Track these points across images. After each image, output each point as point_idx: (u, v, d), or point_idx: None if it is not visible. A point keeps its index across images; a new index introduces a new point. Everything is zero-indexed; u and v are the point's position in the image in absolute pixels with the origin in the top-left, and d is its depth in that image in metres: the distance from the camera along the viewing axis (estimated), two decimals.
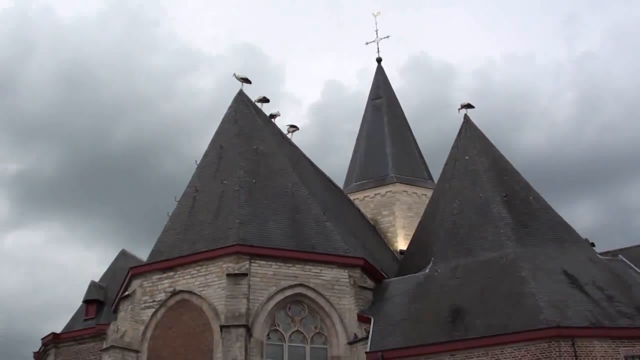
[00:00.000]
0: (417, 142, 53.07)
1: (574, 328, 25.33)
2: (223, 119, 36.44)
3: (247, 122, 36.02)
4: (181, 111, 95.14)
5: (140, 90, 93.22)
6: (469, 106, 38.24)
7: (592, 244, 33.49)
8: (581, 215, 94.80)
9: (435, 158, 36.96)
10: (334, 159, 52.88)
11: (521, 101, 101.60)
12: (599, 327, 25.65)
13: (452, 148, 37.04)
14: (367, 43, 57.67)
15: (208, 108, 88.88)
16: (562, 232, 32.02)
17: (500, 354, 25.38)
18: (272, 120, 40.24)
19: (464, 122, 37.57)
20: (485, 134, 37.04)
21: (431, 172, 50.39)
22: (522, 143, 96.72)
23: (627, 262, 30.29)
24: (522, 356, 25.11)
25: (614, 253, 32.48)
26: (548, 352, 24.86)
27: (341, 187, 48.24)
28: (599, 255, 31.14)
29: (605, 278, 28.87)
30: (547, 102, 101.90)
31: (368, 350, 26.99)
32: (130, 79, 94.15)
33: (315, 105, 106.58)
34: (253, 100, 38.37)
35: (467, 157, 35.45)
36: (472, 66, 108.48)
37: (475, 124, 37.46)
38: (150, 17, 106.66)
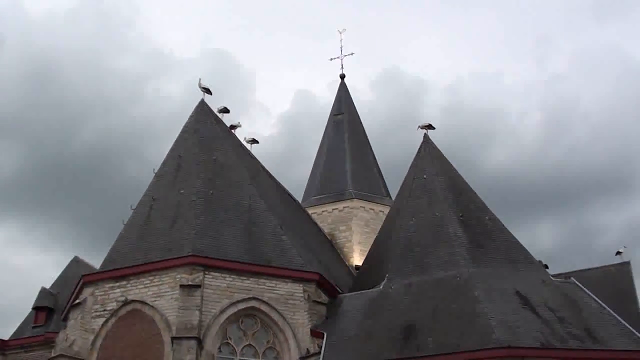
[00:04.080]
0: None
1: (524, 348, 25.52)
2: (183, 129, 36.21)
3: (207, 132, 35.85)
4: (149, 115, 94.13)
5: (108, 91, 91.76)
6: (429, 127, 38.43)
7: (546, 266, 33.86)
8: (543, 235, 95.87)
9: (400, 174, 37.10)
10: (302, 168, 53.06)
11: (490, 119, 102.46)
12: (549, 348, 25.89)
13: (411, 167, 37.19)
14: (331, 59, 57.68)
15: (176, 113, 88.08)
16: (516, 254, 32.27)
17: None
18: (233, 131, 40.11)
19: (423, 142, 37.72)
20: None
21: (390, 190, 50.55)
22: (489, 161, 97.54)
23: (579, 284, 30.61)
24: None
25: (566, 275, 32.89)
26: None
27: (300, 201, 48.22)
28: (551, 277, 31.44)
29: (557, 300, 29.16)
30: (515, 121, 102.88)
31: None
32: (99, 79, 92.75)
33: (284, 115, 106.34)
34: (215, 110, 38.22)
35: (425, 177, 35.59)
36: (443, 82, 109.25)
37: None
38: (124, 16, 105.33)
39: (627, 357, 26.22)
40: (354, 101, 56.89)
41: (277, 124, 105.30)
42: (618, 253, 37.18)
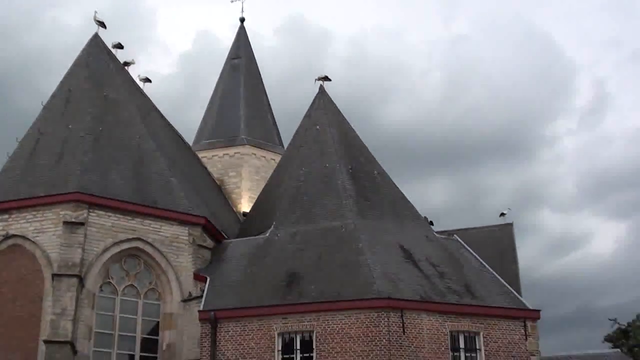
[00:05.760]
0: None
1: (403, 300, 26.11)
2: (74, 62, 35.21)
3: (99, 68, 35.01)
4: (43, 45, 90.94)
5: (1, 18, 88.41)
6: (325, 78, 38.60)
7: (431, 222, 34.67)
8: (435, 193, 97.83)
9: (297, 124, 37.06)
10: (199, 110, 52.27)
11: (391, 75, 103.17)
12: (428, 301, 26.60)
13: (304, 117, 37.31)
14: (232, 0, 56.72)
15: (72, 46, 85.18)
16: (402, 208, 32.92)
17: (331, 320, 25.84)
18: (126, 68, 39.30)
19: (318, 93, 37.85)
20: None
21: (284, 139, 50.54)
22: (388, 116, 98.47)
23: (462, 242, 31.54)
24: (352, 324, 25.64)
25: (450, 233, 33.76)
26: (377, 322, 25.50)
27: (191, 144, 47.75)
28: (435, 234, 32.24)
29: (439, 256, 29.96)
30: (416, 79, 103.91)
31: (201, 309, 26.96)
32: None
33: (184, 55, 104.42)
34: (109, 45, 37.34)
35: (317, 128, 35.77)
36: (347, 34, 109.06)
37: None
38: None
39: (502, 314, 27.12)
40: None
41: (176, 64, 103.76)
42: (502, 214, 38.36)
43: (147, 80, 42.34)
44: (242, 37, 55.85)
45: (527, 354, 26.74)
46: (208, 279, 28.57)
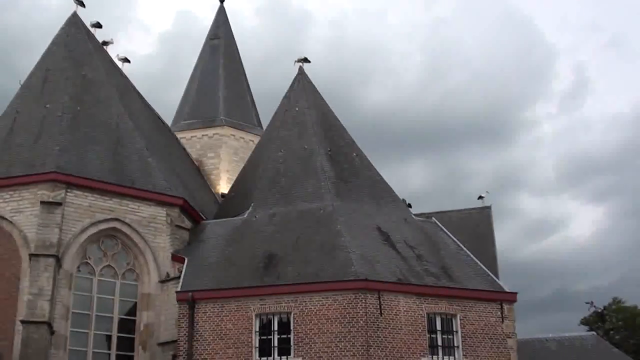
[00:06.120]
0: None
1: (381, 282, 26.24)
2: (53, 41, 34.98)
3: (77, 47, 34.76)
4: (23, 24, 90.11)
5: None
6: (305, 60, 38.55)
7: (409, 205, 34.78)
8: (414, 176, 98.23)
9: (276, 105, 37.04)
10: (178, 91, 52.05)
11: (371, 57, 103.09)
12: (405, 283, 26.71)
13: (284, 99, 37.24)
14: None
15: (52, 24, 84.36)
16: (381, 191, 32.97)
17: (308, 301, 25.93)
18: (105, 47, 39.03)
19: (298, 74, 37.79)
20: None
21: (263, 120, 50.41)
22: (368, 99, 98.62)
23: (439, 225, 31.65)
24: (329, 305, 25.75)
25: (428, 215, 33.93)
26: (354, 303, 25.62)
27: (170, 125, 47.56)
28: (413, 216, 32.34)
29: (417, 238, 30.08)
30: (397, 61, 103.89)
31: (179, 289, 26.94)
32: None
33: (164, 34, 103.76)
34: (87, 25, 37.04)
35: (297, 109, 35.74)
36: (328, 16, 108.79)
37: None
38: None
39: (479, 296, 27.29)
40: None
41: (156, 43, 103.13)
42: (480, 197, 38.67)
43: (126, 60, 42.10)
44: (221, 17, 55.58)
45: (504, 336, 26.92)
46: (186, 260, 28.55)
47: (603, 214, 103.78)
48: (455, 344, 26.52)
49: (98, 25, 37.98)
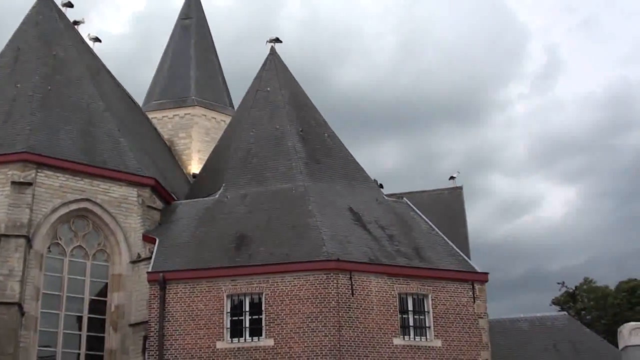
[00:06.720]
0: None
1: (352, 262, 26.34)
2: (23, 20, 34.66)
3: (48, 26, 34.49)
4: None
5: None
6: (277, 40, 38.49)
7: (381, 185, 34.91)
8: (387, 156, 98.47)
9: (245, 85, 37.01)
10: (150, 71, 51.74)
11: (345, 38, 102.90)
12: (376, 263, 26.85)
13: (255, 79, 37.18)
14: None
15: (22, 3, 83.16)
16: (352, 171, 33.07)
17: (280, 281, 25.99)
18: (76, 27, 38.72)
19: (269, 54, 37.72)
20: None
21: (235, 101, 50.27)
22: (341, 79, 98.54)
23: (411, 205, 31.77)
24: (301, 285, 25.83)
25: (399, 196, 34.05)
26: (326, 284, 25.73)
27: (141, 105, 47.32)
28: (385, 197, 32.46)
29: (389, 218, 30.19)
30: (370, 42, 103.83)
31: (150, 270, 26.90)
32: None
33: (137, 14, 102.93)
34: (58, 4, 36.71)
35: (268, 89, 35.68)
36: None
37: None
38: None
39: (450, 276, 27.47)
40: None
41: (128, 23, 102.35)
42: (451, 178, 38.84)
43: (97, 39, 41.81)
44: None
45: (475, 316, 27.12)
46: (157, 241, 28.50)
47: (575, 195, 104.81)
48: (427, 324, 26.69)
49: (69, 5, 37.69)
